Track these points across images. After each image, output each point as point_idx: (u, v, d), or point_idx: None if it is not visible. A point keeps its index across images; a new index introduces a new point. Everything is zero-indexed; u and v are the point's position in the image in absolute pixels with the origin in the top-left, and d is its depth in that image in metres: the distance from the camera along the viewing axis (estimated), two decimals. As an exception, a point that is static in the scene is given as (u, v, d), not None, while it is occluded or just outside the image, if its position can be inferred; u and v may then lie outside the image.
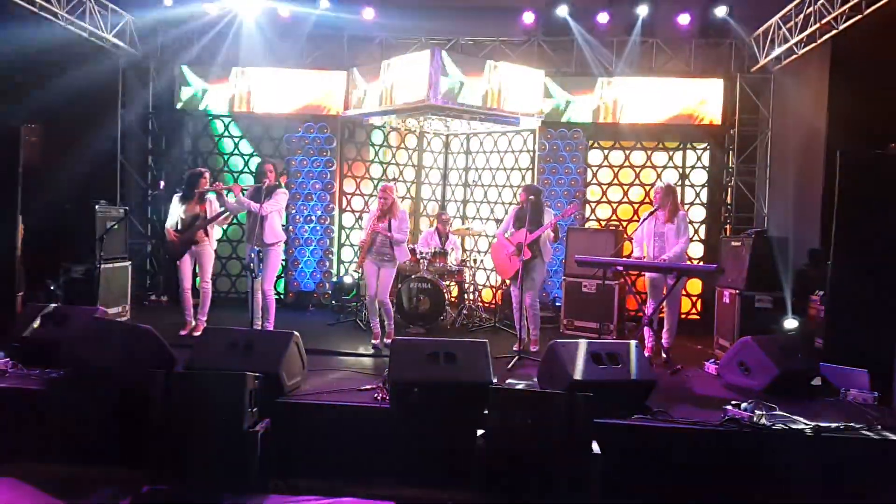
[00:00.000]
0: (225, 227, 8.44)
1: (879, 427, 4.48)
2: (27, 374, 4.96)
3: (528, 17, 9.25)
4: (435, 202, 10.19)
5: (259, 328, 6.29)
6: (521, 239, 6.33)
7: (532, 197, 6.51)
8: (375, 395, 4.78)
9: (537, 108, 8.76)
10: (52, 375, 4.92)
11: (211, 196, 6.85)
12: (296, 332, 4.94)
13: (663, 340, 6.39)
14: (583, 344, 4.87)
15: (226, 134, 9.78)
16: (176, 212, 6.76)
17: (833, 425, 4.43)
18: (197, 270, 6.94)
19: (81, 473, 4.27)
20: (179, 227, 6.72)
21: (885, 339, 5.33)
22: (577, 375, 4.57)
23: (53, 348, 5.03)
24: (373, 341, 6.76)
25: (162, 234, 6.79)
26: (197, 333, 6.73)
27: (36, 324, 5.46)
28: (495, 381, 4.59)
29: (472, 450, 4.04)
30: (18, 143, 6.53)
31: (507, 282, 7.13)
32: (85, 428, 4.48)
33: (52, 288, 7.21)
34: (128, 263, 7.78)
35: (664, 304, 6.35)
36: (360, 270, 7.97)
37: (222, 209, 6.78)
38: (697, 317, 9.27)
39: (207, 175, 6.91)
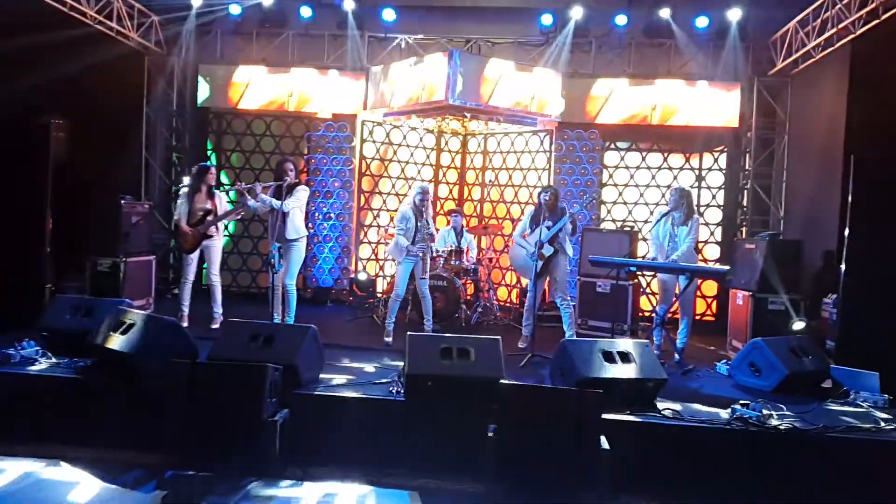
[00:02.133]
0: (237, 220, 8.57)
1: (889, 430, 4.53)
2: (56, 363, 5.15)
3: (547, 19, 9.32)
4: (452, 201, 10.30)
5: (279, 322, 6.44)
6: (539, 237, 6.44)
7: (549, 197, 6.63)
8: (391, 388, 4.90)
9: (554, 108, 8.85)
10: (80, 364, 5.10)
11: (219, 192, 7.03)
12: (314, 326, 5.08)
13: (677, 341, 6.46)
14: (594, 342, 4.98)
15: (248, 132, 9.96)
16: (185, 206, 6.92)
17: (841, 426, 4.51)
18: (205, 265, 7.10)
19: (110, 457, 4.45)
20: (191, 220, 6.89)
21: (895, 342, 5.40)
22: (587, 373, 4.67)
23: (81, 338, 5.21)
24: (385, 339, 6.87)
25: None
26: (215, 326, 6.91)
27: (65, 315, 5.66)
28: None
29: (484, 443, 4.16)
30: (48, 139, 6.77)
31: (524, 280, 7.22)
32: (113, 414, 4.66)
33: (79, 280, 7.42)
34: (152, 258, 7.97)
35: (677, 304, 6.42)
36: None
37: (234, 206, 6.96)
38: (713, 318, 9.31)
39: (213, 170, 7.12)
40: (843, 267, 6.07)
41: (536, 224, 6.59)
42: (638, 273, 6.75)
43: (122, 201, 7.49)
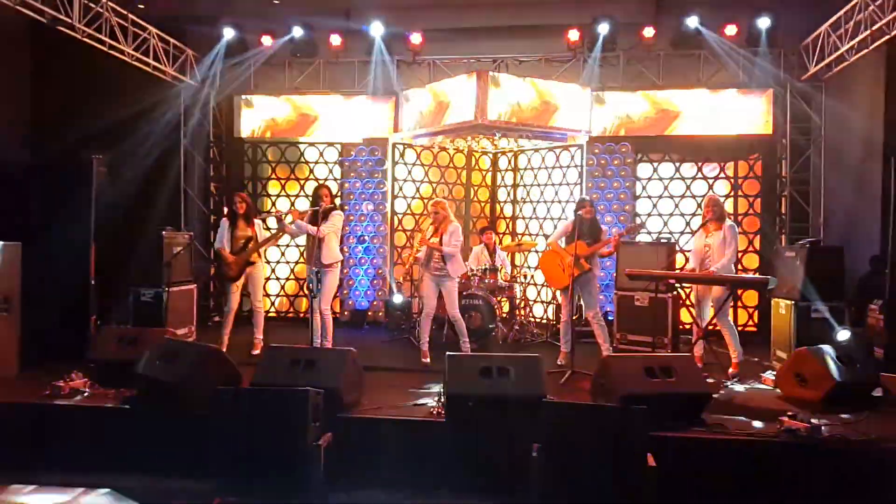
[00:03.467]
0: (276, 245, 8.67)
1: (944, 438, 4.41)
2: (104, 393, 5.27)
3: (573, 35, 9.34)
4: (484, 219, 10.32)
5: (318, 346, 6.49)
6: (578, 251, 6.41)
7: (580, 211, 6.61)
8: (431, 409, 4.91)
9: (584, 123, 8.85)
10: (126, 394, 5.21)
11: (257, 219, 7.16)
12: (353, 349, 5.12)
13: (733, 356, 6.37)
14: (635, 357, 4.93)
15: (282, 160, 10.13)
16: (225, 234, 7.04)
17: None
18: (249, 291, 7.21)
19: (156, 485, 4.51)
20: (233, 249, 7.00)
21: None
22: (630, 389, 4.62)
23: (127, 368, 5.33)
24: (423, 360, 6.85)
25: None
26: (256, 352, 6.99)
27: (110, 346, 5.79)
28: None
29: (528, 463, 4.13)
30: (91, 174, 6.97)
31: (559, 295, 7.15)
32: (158, 443, 4.74)
33: (123, 311, 7.59)
34: (193, 286, 8.12)
35: (717, 318, 6.34)
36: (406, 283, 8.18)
37: (273, 231, 7.07)
38: (754, 328, 9.15)
39: (237, 197, 7.10)
40: (887, 271, 5.94)
41: (573, 238, 6.53)
42: (677, 285, 6.65)
43: (163, 232, 7.64)
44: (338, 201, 9.13)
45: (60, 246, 6.85)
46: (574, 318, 6.73)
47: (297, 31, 9.44)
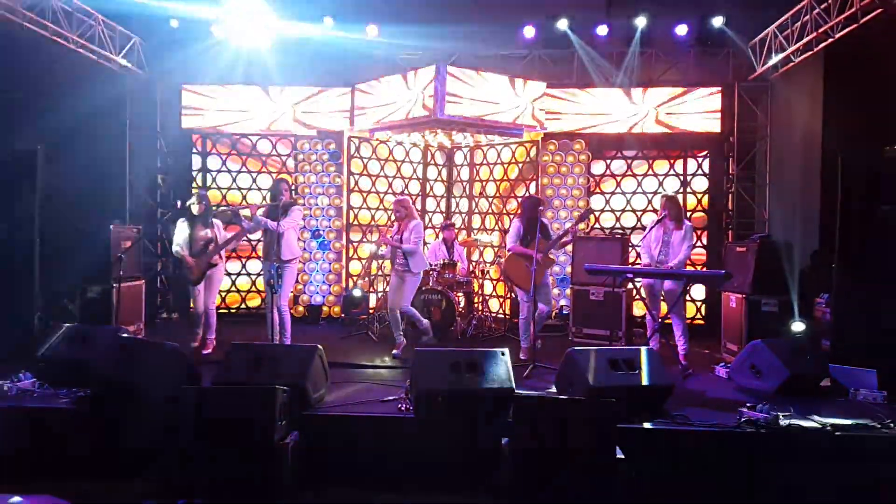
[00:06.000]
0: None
1: (892, 424, 4.61)
2: (55, 394, 5.04)
3: (529, 31, 9.41)
4: (440, 214, 10.30)
5: (277, 343, 6.38)
6: (541, 249, 6.46)
7: (541, 207, 6.67)
8: (399, 405, 4.88)
9: (539, 119, 8.92)
10: (79, 394, 5.00)
11: (216, 220, 6.91)
12: (319, 346, 5.04)
13: (679, 348, 6.52)
14: (600, 351, 5.00)
15: (233, 152, 9.89)
16: (183, 235, 6.74)
17: (846, 423, 4.57)
18: (205, 290, 6.96)
19: (116, 488, 4.35)
20: (193, 251, 6.71)
21: (891, 339, 5.50)
22: (596, 382, 4.69)
23: (79, 367, 5.12)
24: (393, 351, 6.96)
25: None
26: (208, 352, 6.80)
27: (60, 344, 5.56)
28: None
29: (498, 456, 4.15)
30: (36, 165, 6.68)
31: (516, 293, 7.18)
32: (117, 445, 4.57)
33: (69, 308, 7.29)
34: (142, 282, 7.85)
35: (672, 312, 6.50)
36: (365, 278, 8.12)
37: (233, 234, 6.77)
38: (702, 321, 9.40)
39: (196, 197, 6.85)
40: (833, 266, 6.17)
41: (532, 235, 6.56)
42: (633, 279, 6.80)
43: (111, 226, 7.36)
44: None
45: (2, 240, 6.55)
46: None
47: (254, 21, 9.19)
